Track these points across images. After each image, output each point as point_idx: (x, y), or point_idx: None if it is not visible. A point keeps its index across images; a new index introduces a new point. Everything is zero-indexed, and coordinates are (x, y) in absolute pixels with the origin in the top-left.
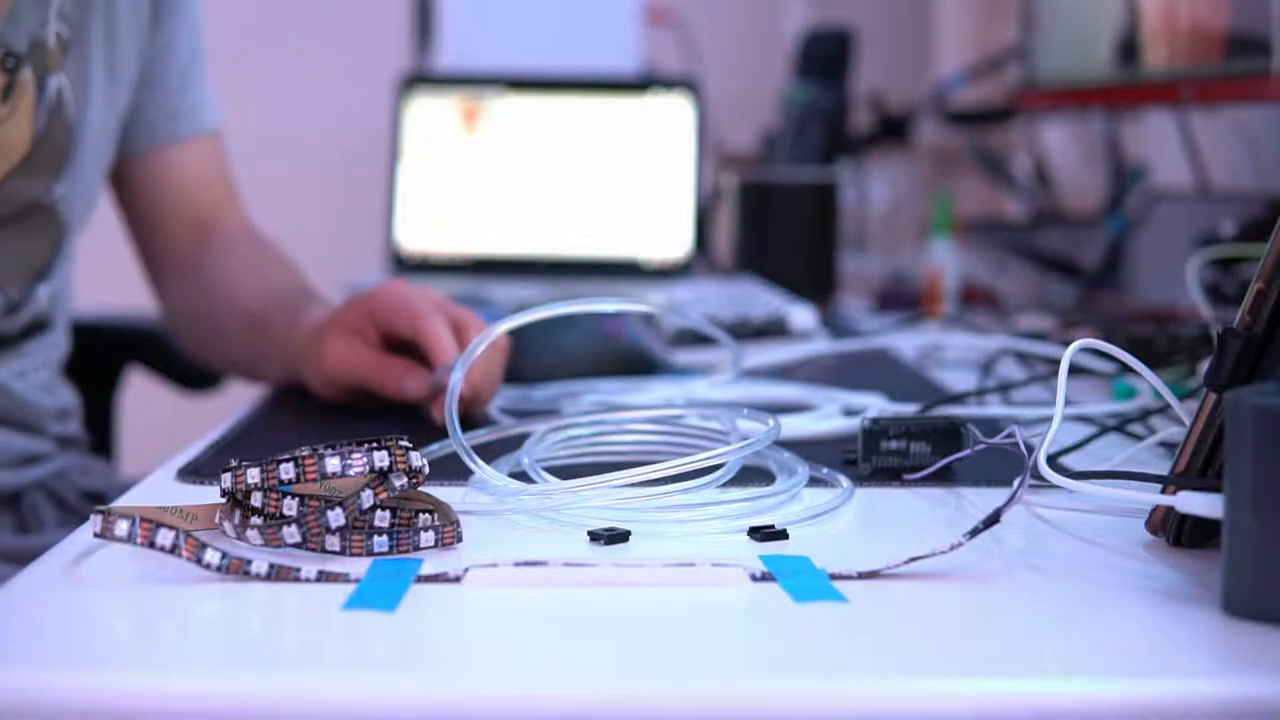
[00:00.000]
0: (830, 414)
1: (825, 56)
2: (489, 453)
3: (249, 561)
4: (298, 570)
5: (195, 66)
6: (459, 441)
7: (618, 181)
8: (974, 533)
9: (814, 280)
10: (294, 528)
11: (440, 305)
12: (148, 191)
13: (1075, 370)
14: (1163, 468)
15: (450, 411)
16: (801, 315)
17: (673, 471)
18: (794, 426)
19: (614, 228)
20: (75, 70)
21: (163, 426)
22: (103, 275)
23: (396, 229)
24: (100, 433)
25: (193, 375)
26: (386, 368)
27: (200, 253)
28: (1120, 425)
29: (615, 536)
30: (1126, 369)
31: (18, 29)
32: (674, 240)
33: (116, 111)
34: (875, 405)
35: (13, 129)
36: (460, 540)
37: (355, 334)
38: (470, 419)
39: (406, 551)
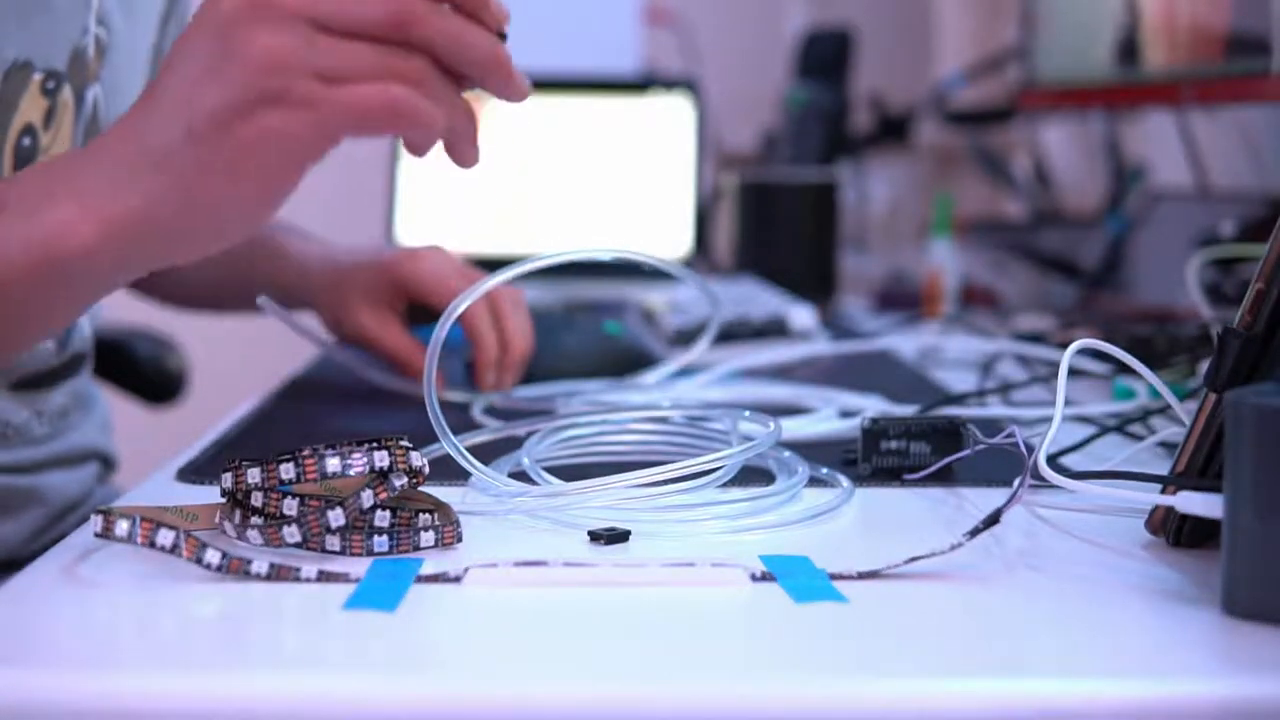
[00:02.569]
0: (830, 414)
1: (825, 56)
2: (488, 453)
3: (249, 561)
4: (298, 570)
5: None
6: (451, 443)
7: (618, 181)
8: (974, 533)
9: (814, 280)
10: (294, 527)
11: (468, 277)
12: None
13: (1075, 370)
14: (1163, 468)
15: (435, 414)
16: (801, 315)
17: (675, 475)
18: (794, 427)
19: (614, 227)
20: (109, 76)
21: (162, 426)
22: None
23: (396, 229)
24: None
25: (154, 387)
26: (413, 355)
27: None
28: (1120, 425)
29: (615, 536)
30: (1126, 369)
31: (58, 42)
32: (674, 240)
33: None
34: (875, 405)
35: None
36: (460, 540)
37: (384, 306)
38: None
39: (407, 551)
